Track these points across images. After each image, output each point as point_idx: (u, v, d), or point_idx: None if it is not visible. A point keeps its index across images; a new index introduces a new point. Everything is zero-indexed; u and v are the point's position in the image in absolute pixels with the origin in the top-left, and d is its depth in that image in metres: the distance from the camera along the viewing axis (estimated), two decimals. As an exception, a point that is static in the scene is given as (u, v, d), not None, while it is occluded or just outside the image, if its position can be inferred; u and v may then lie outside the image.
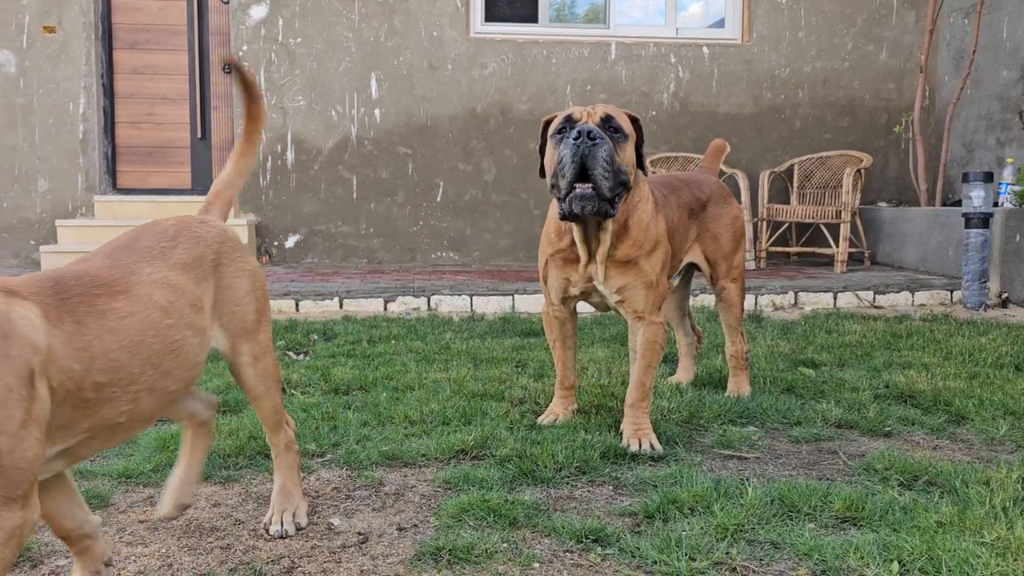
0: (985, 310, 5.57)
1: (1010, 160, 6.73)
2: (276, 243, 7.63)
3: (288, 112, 7.54)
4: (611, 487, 2.41)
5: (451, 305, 5.58)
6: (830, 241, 7.07)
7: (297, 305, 5.50)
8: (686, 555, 1.91)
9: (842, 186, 6.98)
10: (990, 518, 2.06)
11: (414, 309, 5.54)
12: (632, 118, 2.74)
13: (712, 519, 2.10)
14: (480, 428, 2.81)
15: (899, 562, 1.85)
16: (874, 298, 5.80)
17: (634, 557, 1.93)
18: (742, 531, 2.05)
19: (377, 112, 7.62)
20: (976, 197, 5.59)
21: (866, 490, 2.30)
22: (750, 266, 7.03)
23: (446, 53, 7.64)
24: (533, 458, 2.52)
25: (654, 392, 3.13)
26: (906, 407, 3.16)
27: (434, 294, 5.62)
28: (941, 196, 7.22)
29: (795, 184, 7.65)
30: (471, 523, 2.12)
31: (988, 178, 5.62)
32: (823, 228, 7.20)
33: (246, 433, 2.73)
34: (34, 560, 1.96)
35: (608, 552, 1.97)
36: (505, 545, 2.00)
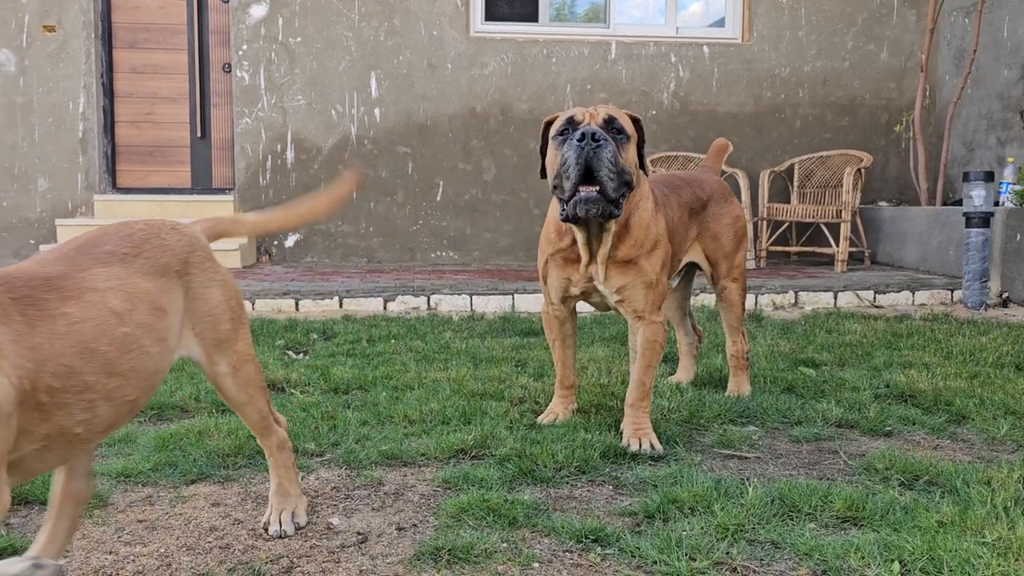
0: (986, 309, 5.56)
1: (1011, 159, 6.72)
2: (276, 242, 7.63)
3: (288, 111, 7.54)
4: (611, 487, 2.40)
5: (451, 304, 5.58)
6: (830, 240, 7.06)
7: (297, 304, 5.49)
8: (686, 555, 1.90)
9: (842, 185, 6.97)
10: (991, 518, 2.05)
11: (414, 308, 5.54)
12: (633, 119, 2.74)
13: (712, 519, 2.09)
14: (480, 427, 2.81)
15: (900, 562, 1.85)
16: (874, 297, 5.79)
17: (634, 557, 1.92)
18: (742, 531, 2.04)
19: (377, 111, 7.61)
20: (977, 196, 5.58)
21: (867, 490, 2.30)
22: (750, 265, 7.03)
23: (446, 52, 7.64)
24: (533, 458, 2.52)
25: (654, 391, 3.13)
26: (907, 407, 3.16)
27: (434, 293, 5.62)
28: (942, 195, 7.21)
29: (795, 183, 7.64)
30: (470, 523, 2.11)
31: (989, 177, 5.61)
32: (823, 227, 7.19)
33: (245, 432, 2.72)
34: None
35: (608, 552, 1.96)
36: (505, 545, 1.99)
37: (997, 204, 6.13)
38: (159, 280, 1.72)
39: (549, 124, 2.76)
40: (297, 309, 5.48)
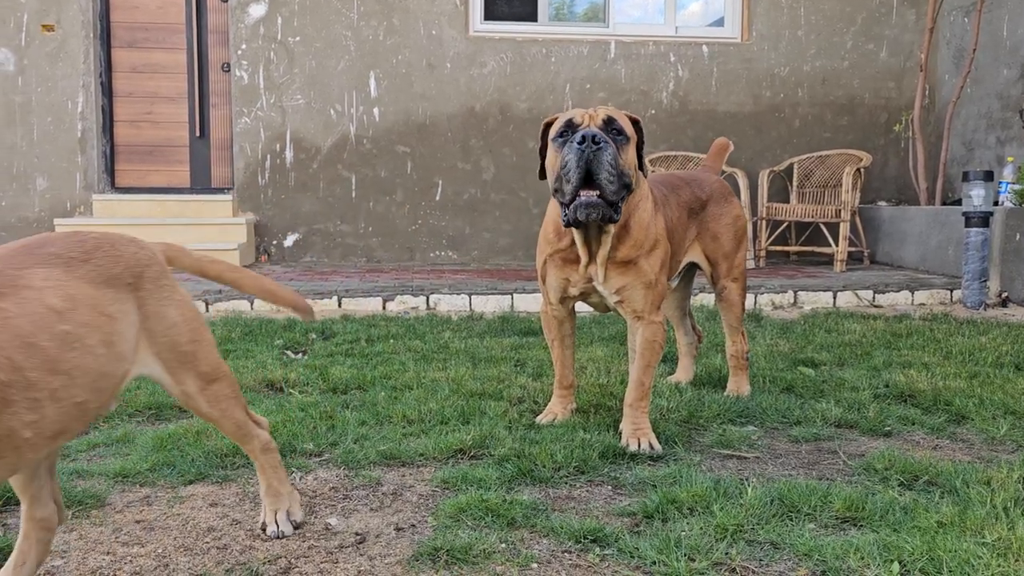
0: (985, 309, 5.56)
1: (1010, 159, 6.72)
2: (275, 242, 7.62)
3: (287, 111, 7.53)
4: (610, 487, 2.40)
5: (450, 304, 5.57)
6: (830, 240, 7.06)
7: (296, 304, 5.48)
8: (685, 555, 1.90)
9: (842, 185, 6.97)
10: (991, 518, 2.05)
11: (413, 308, 5.53)
12: (633, 119, 2.73)
13: (711, 519, 2.09)
14: (478, 427, 2.80)
15: (899, 562, 1.84)
16: (874, 297, 5.79)
17: (633, 557, 1.92)
18: (742, 531, 2.04)
19: (376, 111, 7.60)
20: (976, 196, 5.58)
21: (866, 490, 2.29)
22: (749, 265, 7.02)
23: (445, 52, 7.63)
24: (531, 458, 2.51)
25: (653, 391, 3.12)
26: (906, 407, 3.15)
27: (433, 293, 5.61)
28: (941, 195, 7.21)
29: (794, 183, 7.64)
30: (469, 523, 2.11)
31: (988, 177, 5.61)
32: (823, 227, 7.19)
33: (243, 432, 2.72)
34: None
35: (607, 552, 1.96)
36: (503, 545, 1.99)
37: (996, 204, 6.13)
38: (106, 289, 1.68)
39: (548, 125, 2.75)
40: (296, 309, 5.46)
